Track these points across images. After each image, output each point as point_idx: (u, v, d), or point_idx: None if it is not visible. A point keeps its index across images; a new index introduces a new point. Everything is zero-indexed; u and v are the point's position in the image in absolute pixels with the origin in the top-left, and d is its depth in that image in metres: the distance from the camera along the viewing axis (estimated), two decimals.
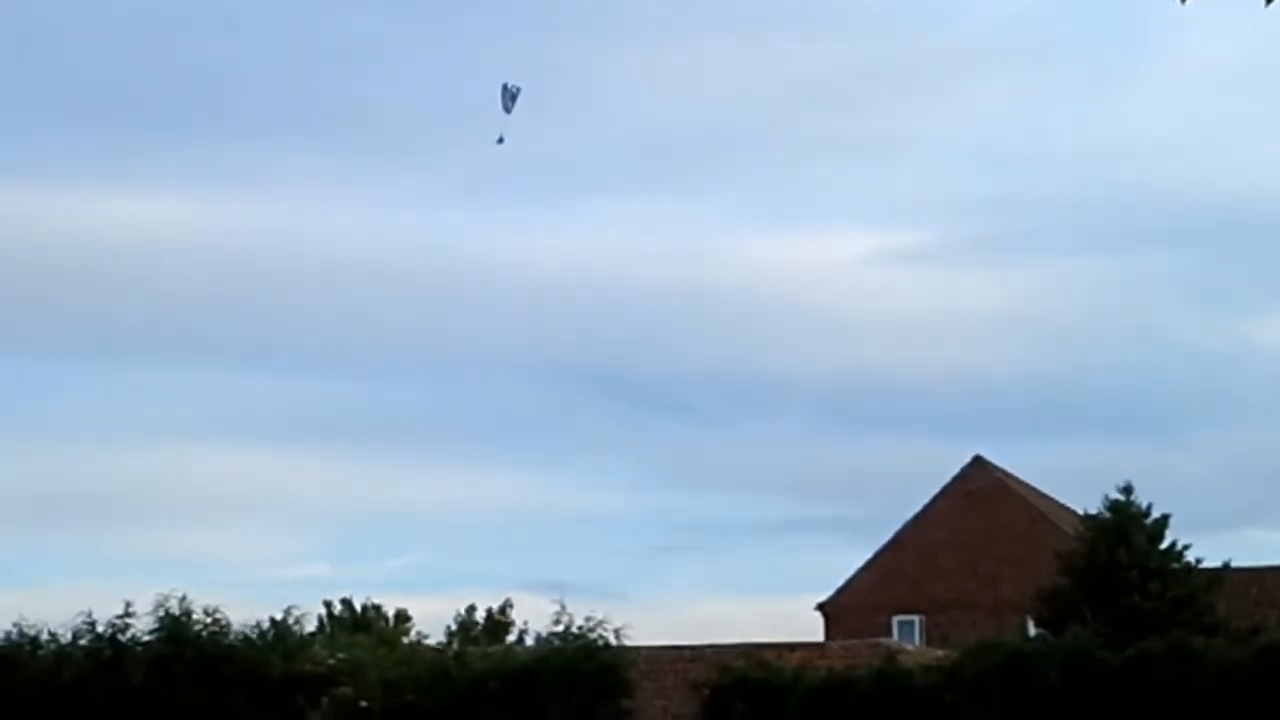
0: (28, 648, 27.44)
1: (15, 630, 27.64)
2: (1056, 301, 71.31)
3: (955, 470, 50.94)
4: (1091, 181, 73.13)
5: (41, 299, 70.03)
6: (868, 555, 51.06)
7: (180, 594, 26.93)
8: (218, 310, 72.03)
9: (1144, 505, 36.86)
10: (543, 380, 75.37)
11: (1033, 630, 34.92)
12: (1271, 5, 8.92)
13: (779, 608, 67.36)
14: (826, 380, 72.21)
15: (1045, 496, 51.50)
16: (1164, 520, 36.88)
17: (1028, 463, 63.08)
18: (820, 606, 50.09)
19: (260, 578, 66.65)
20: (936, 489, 50.87)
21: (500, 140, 28.86)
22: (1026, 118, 76.29)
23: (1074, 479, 63.62)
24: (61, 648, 27.21)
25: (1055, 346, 71.99)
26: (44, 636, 27.51)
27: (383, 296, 71.77)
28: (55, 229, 68.51)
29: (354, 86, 70.20)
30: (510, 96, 28.39)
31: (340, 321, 73.06)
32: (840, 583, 50.72)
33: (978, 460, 50.96)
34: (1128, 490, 36.87)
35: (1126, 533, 36.10)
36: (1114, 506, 36.71)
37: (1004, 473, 51.26)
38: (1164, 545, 36.63)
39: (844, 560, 57.40)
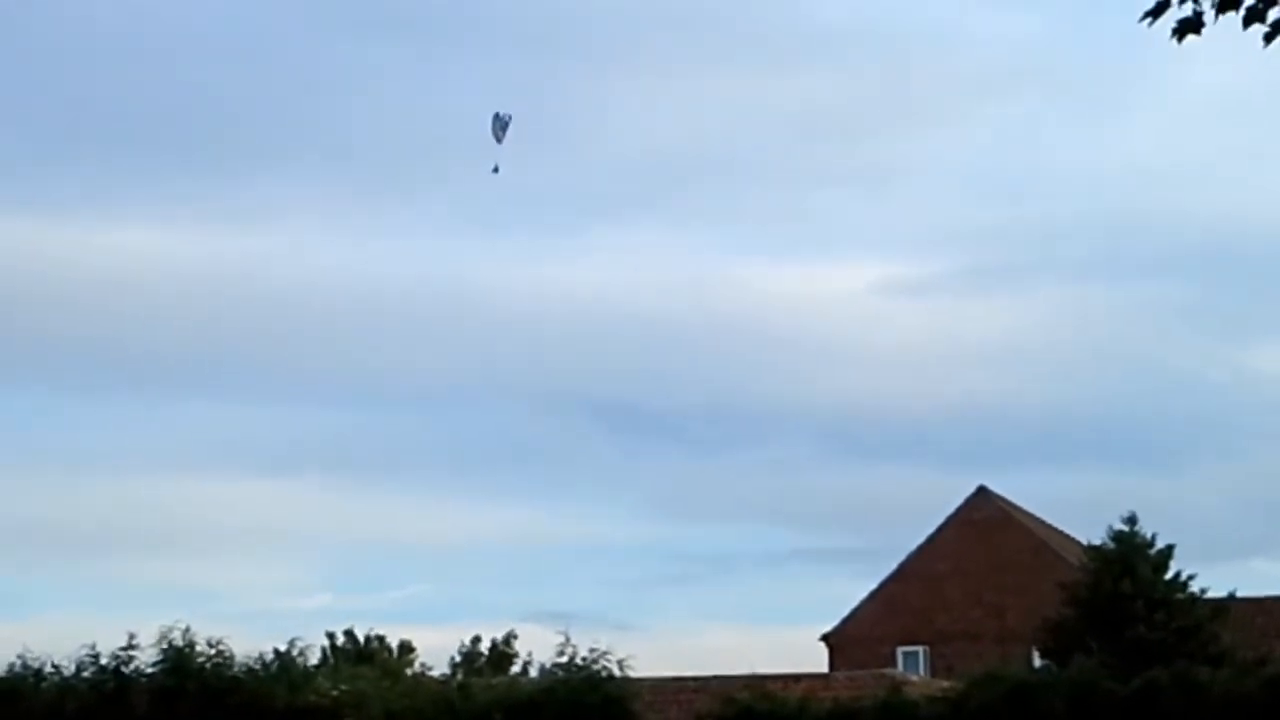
0: (31, 680, 27.39)
1: (19, 662, 27.61)
2: (1058, 331, 71.42)
3: (959, 500, 50.89)
4: (1092, 210, 73.35)
5: (43, 331, 70.20)
6: (872, 586, 50.98)
7: (184, 625, 26.91)
8: (220, 341, 72.21)
9: (1148, 535, 36.84)
10: (545, 410, 75.45)
11: (1038, 661, 34.84)
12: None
13: (783, 638, 67.31)
14: (830, 410, 72.31)
15: (1049, 526, 51.42)
16: (1168, 550, 36.84)
17: (1032, 493, 63.06)
18: (824, 637, 49.98)
19: (263, 609, 66.65)
20: (941, 519, 50.81)
21: (495, 170, 28.93)
22: (1026, 146, 76.60)
23: (1078, 509, 63.79)
24: (65, 680, 27.17)
25: (1058, 376, 72.08)
26: (47, 668, 27.47)
27: (384, 327, 71.98)
28: (55, 261, 68.72)
29: (353, 117, 70.54)
30: (501, 126, 28.41)
31: (343, 352, 73.22)
32: (844, 613, 50.62)
33: (982, 490, 50.90)
34: (1132, 520, 36.84)
35: (1131, 563, 36.06)
36: (1118, 536, 36.67)
37: (1008, 503, 51.19)
38: (1169, 575, 36.57)
39: (848, 591, 57.43)
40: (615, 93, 72.09)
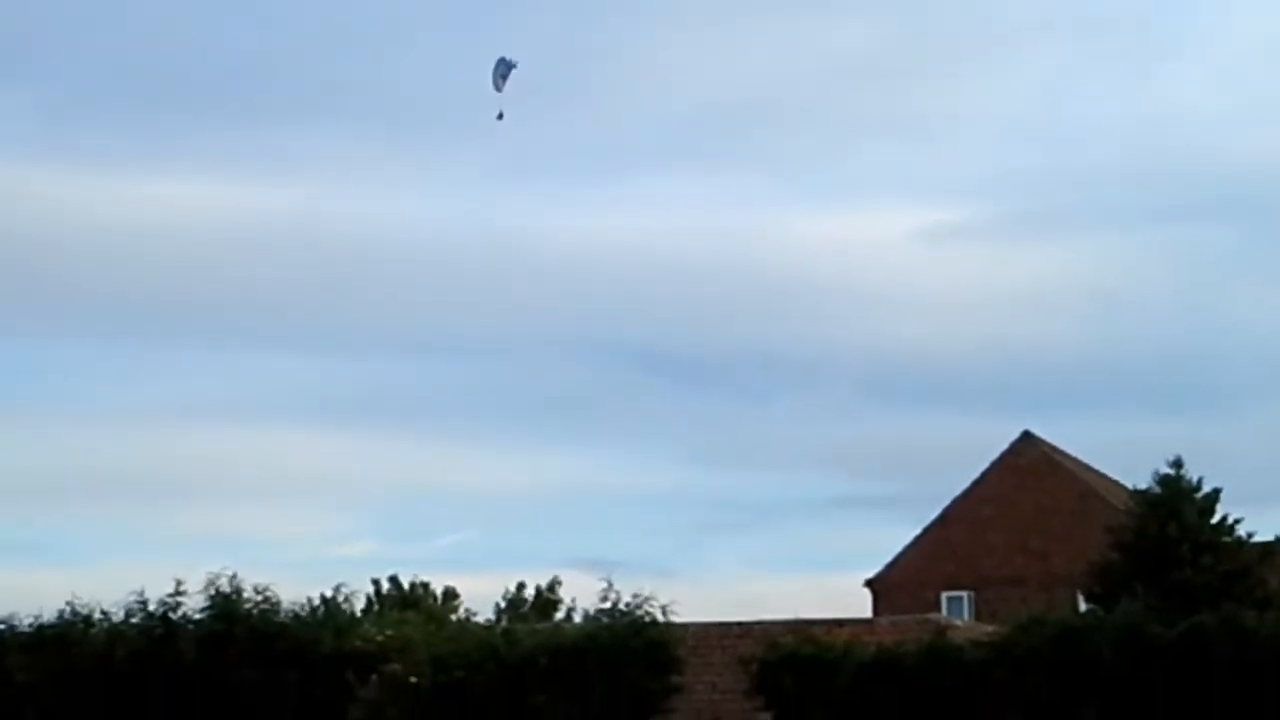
0: (80, 626, 27.66)
1: (68, 609, 27.87)
2: (1104, 275, 70.92)
3: (1004, 445, 50.72)
4: (1139, 154, 72.68)
5: (89, 283, 70.66)
6: (916, 531, 50.92)
7: (231, 572, 27.10)
8: (263, 293, 72.51)
9: (1194, 479, 36.61)
10: (589, 358, 75.55)
11: (1083, 605, 34.74)
12: None
13: (827, 584, 67.40)
14: (874, 356, 72.09)
15: (1094, 471, 51.21)
16: (1215, 494, 36.61)
17: (1077, 437, 62.85)
18: (869, 583, 50.00)
19: (309, 556, 67.19)
20: (985, 464, 50.67)
21: (500, 116, 28.62)
22: (1073, 90, 75.81)
23: (1123, 453, 63.48)
24: (114, 626, 27.42)
25: (1103, 320, 71.60)
26: (96, 615, 27.73)
27: (429, 276, 72.11)
28: (105, 214, 69.08)
29: (391, 67, 70.39)
30: (502, 74, 27.97)
31: (387, 302, 73.37)
32: (889, 559, 50.60)
33: (1026, 435, 50.70)
34: (1178, 464, 36.62)
35: (1177, 507, 35.86)
36: (1164, 480, 36.46)
37: (1053, 448, 50.98)
38: (1215, 519, 36.37)
39: (892, 536, 57.27)
40: (658, 40, 71.71)
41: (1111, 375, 69.96)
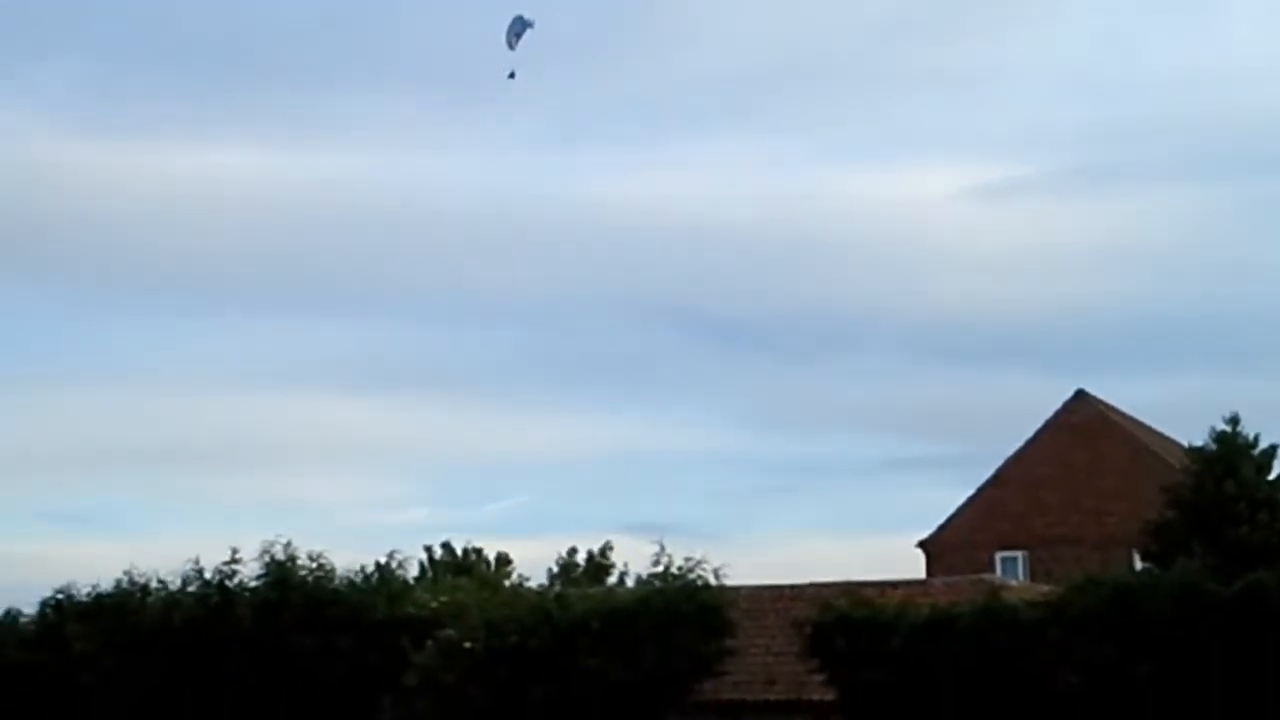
0: (138, 595, 27.96)
1: (126, 579, 28.16)
2: (1157, 232, 70.22)
3: (1058, 405, 50.34)
4: (1189, 108, 71.83)
5: (144, 253, 71.11)
6: (969, 492, 50.65)
7: (285, 540, 27.30)
8: (318, 260, 72.77)
9: (1251, 435, 36.22)
10: (639, 322, 75.50)
11: (1139, 564, 34.49)
12: None
13: (880, 546, 67.22)
14: (925, 317, 71.68)
15: (1149, 429, 50.77)
16: (1272, 450, 36.23)
17: (1131, 396, 62.36)
18: (922, 544, 49.80)
19: (362, 523, 67.51)
20: (1039, 424, 50.30)
21: (511, 76, 28.44)
22: (1121, 43, 75.04)
23: (1178, 411, 62.84)
24: (171, 594, 27.69)
25: (1157, 277, 70.96)
26: (154, 583, 28.00)
27: (478, 242, 72.14)
28: (145, 184, 69.45)
29: (440, 33, 70.30)
30: (515, 32, 27.67)
31: (437, 268, 73.53)
32: (942, 520, 50.38)
33: (1080, 394, 50.30)
34: (1234, 421, 36.24)
35: (1233, 464, 35.50)
36: (1220, 438, 36.09)
37: (1107, 406, 50.57)
38: (1272, 475, 35.99)
39: (945, 497, 57.07)
40: (701, 2, 71.36)
41: (1166, 332, 69.43)
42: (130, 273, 72.76)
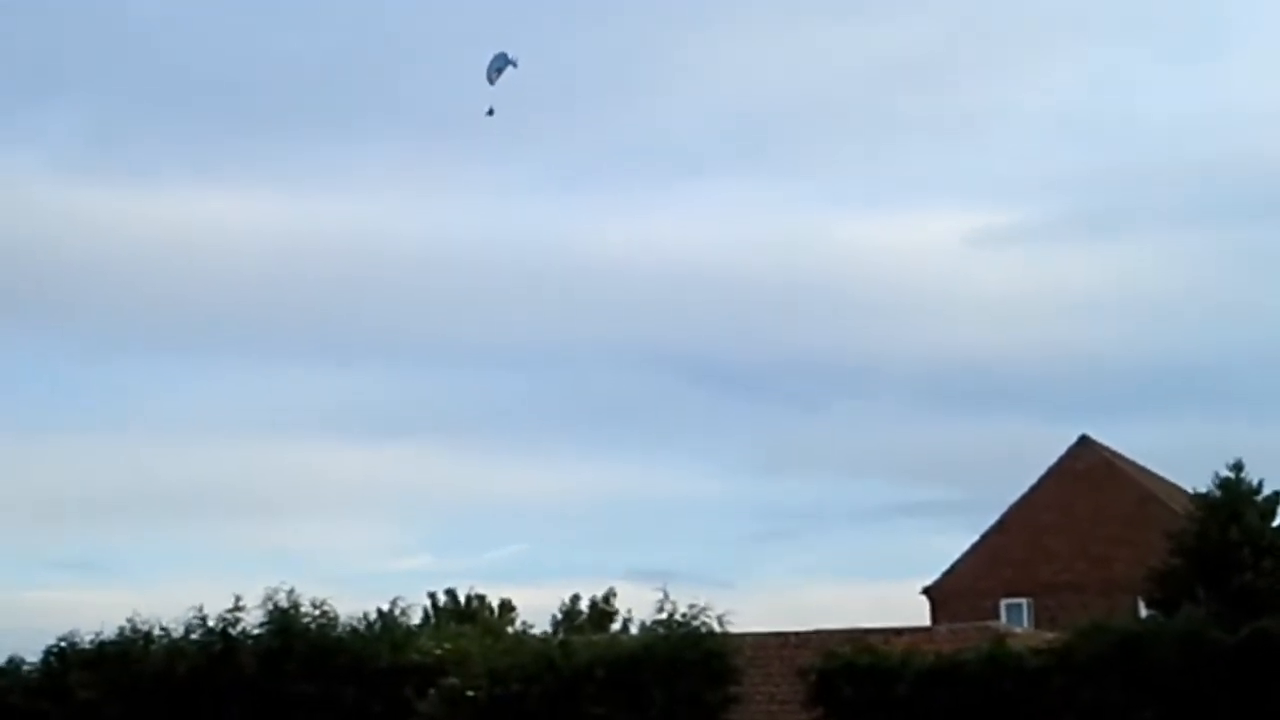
0: (141, 642, 27.87)
1: (129, 626, 28.09)
2: (1158, 277, 70.34)
3: (1061, 450, 50.33)
4: (1190, 153, 72.05)
5: (145, 298, 71.20)
6: (974, 538, 50.61)
7: (289, 587, 27.25)
8: (317, 306, 72.86)
9: (1255, 481, 36.19)
10: (641, 368, 75.52)
11: (1144, 611, 34.40)
12: None
13: (884, 592, 67.00)
14: (927, 362, 71.72)
15: (1154, 475, 50.73)
16: (1276, 497, 36.17)
17: (1135, 441, 62.36)
18: (926, 591, 49.71)
19: (365, 570, 67.37)
20: (1043, 470, 50.30)
21: (490, 113, 28.26)
22: (1121, 89, 75.35)
23: (1183, 457, 62.84)
24: (174, 642, 27.61)
25: (1159, 323, 71.01)
26: (157, 631, 27.93)
27: (477, 288, 72.23)
28: (147, 231, 69.63)
29: (444, 79, 70.60)
30: (497, 68, 27.56)
31: (437, 314, 73.62)
32: (946, 566, 50.30)
33: (1084, 440, 50.30)
34: (1238, 467, 36.21)
35: (1238, 510, 35.45)
36: (1225, 483, 36.05)
37: (1111, 452, 50.56)
38: (1276, 522, 35.93)
39: (949, 544, 57.02)
40: (700, 46, 71.68)
41: (1169, 378, 69.40)
42: (132, 319, 72.89)
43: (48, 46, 72.80)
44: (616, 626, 52.61)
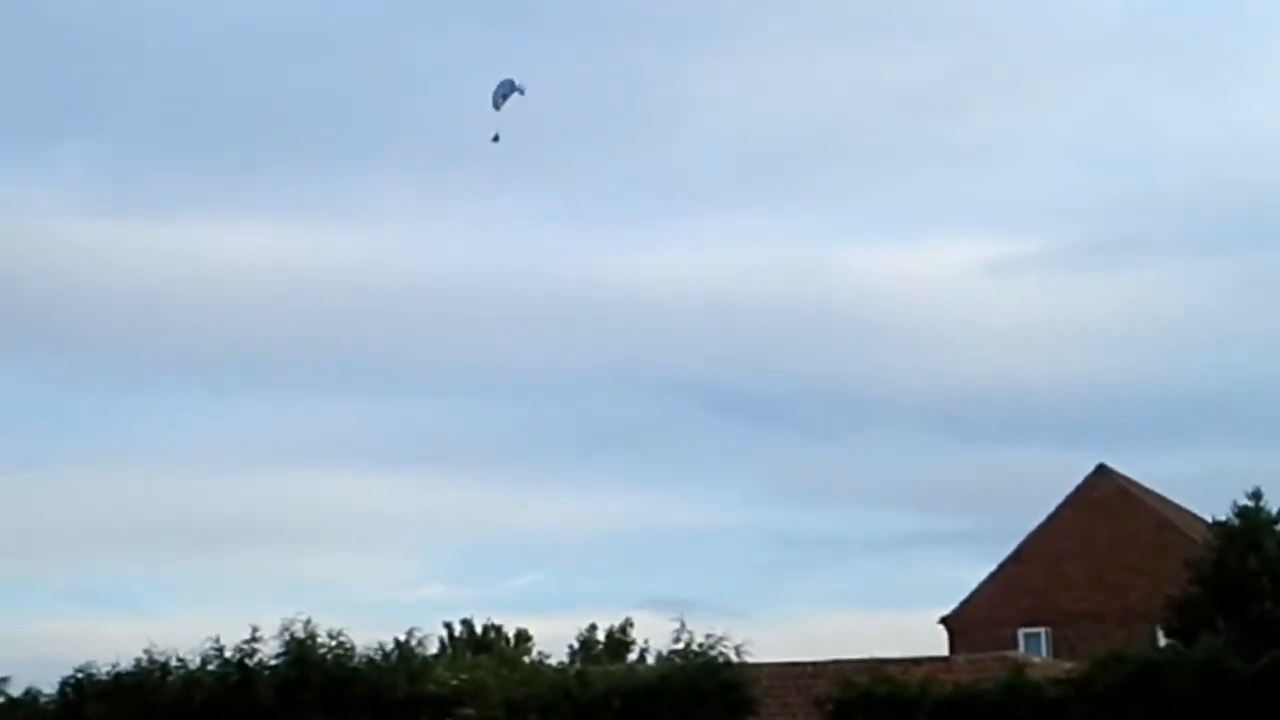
0: (157, 674, 27.88)
1: (145, 657, 28.10)
2: (1173, 305, 70.23)
3: (1079, 479, 50.18)
4: (1202, 181, 72.02)
5: (158, 332, 71.39)
6: (991, 568, 50.43)
7: (305, 618, 27.26)
8: (327, 338, 72.96)
9: (1274, 510, 36.05)
10: (656, 397, 75.48)
11: (1163, 640, 34.25)
12: None
13: (901, 622, 66.81)
14: (943, 391, 71.60)
15: (1172, 504, 50.55)
16: None
17: (1153, 470, 62.03)
18: (944, 620, 49.53)
19: (382, 600, 67.31)
20: (1060, 499, 50.14)
21: (495, 139, 28.50)
22: (1134, 118, 75.33)
23: (1201, 485, 62.56)
24: (191, 673, 27.61)
25: (1175, 350, 70.84)
26: (173, 662, 27.94)
27: (492, 318, 72.30)
28: (160, 264, 69.90)
29: (456, 110, 70.82)
30: (503, 94, 27.67)
31: (455, 344, 73.71)
32: (964, 596, 50.13)
33: (1101, 469, 50.15)
34: (1256, 495, 36.04)
35: (1257, 538, 35.28)
36: (1243, 512, 35.89)
37: (1129, 481, 50.40)
38: None
39: (967, 573, 56.84)
40: (716, 77, 71.88)
41: (1186, 405, 69.21)
42: (146, 351, 73.08)
43: (63, 82, 73.30)
44: (633, 656, 52.49)
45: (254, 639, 27.31)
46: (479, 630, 55.33)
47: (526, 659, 46.58)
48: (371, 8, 72.63)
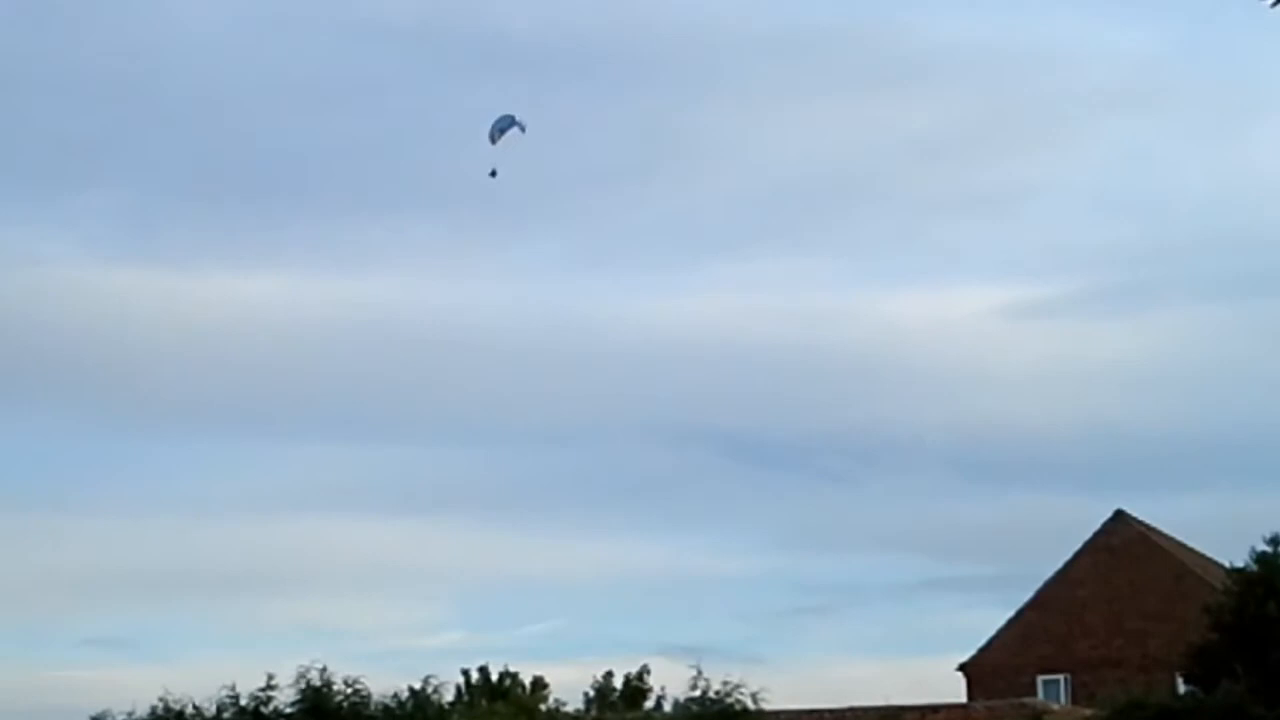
0: None
1: (162, 705, 28.11)
2: (1191, 351, 70.15)
3: (1097, 525, 49.98)
4: (1218, 228, 72.10)
5: (177, 380, 71.65)
6: (1009, 614, 50.20)
7: (321, 665, 27.27)
8: (346, 385, 73.11)
9: None
10: (672, 444, 75.43)
11: (1182, 687, 34.07)
12: None
13: (919, 669, 66.51)
14: (959, 437, 71.49)
15: (1190, 550, 50.33)
16: None
17: (1171, 516, 61.76)
18: (962, 667, 49.28)
19: (397, 647, 67.16)
20: (1078, 545, 49.94)
21: (493, 174, 28.49)
22: (1150, 165, 75.50)
23: (1219, 531, 62.05)
24: (207, 719, 27.60)
25: (1192, 396, 70.74)
26: (189, 710, 27.94)
27: (506, 365, 72.47)
28: (181, 312, 70.21)
29: (470, 157, 71.08)
30: (500, 129, 27.68)
31: (467, 391, 73.83)
32: (982, 642, 49.88)
33: (1119, 515, 49.97)
34: (1275, 541, 35.93)
35: (1275, 584, 35.14)
36: (1261, 558, 35.77)
37: (1147, 527, 50.20)
38: None
39: (985, 619, 56.52)
40: (730, 124, 72.21)
41: (1204, 451, 68.95)
42: (166, 398, 73.28)
43: (85, 133, 73.85)
44: (650, 704, 52.21)
45: (270, 686, 27.35)
46: (495, 677, 55.11)
47: (543, 706, 46.40)
48: (390, 62, 73.22)
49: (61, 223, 73.57)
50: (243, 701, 27.39)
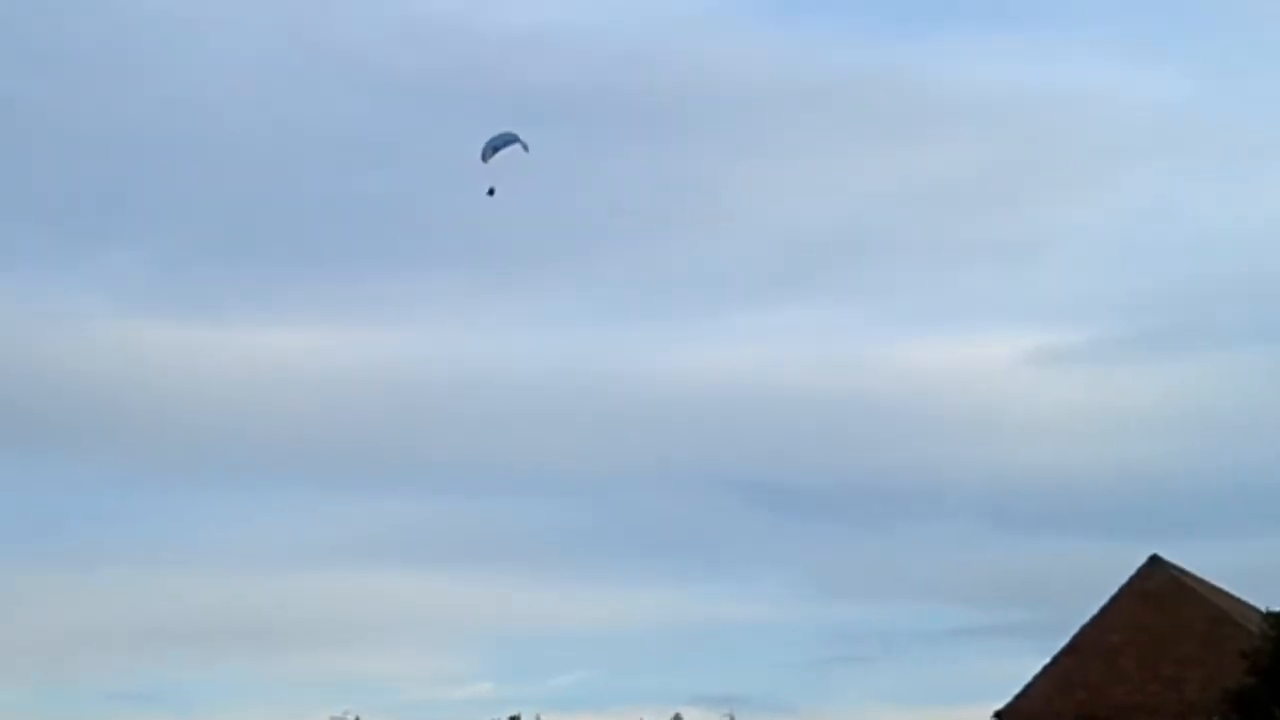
0: None
1: None
2: (1220, 394, 69.89)
3: (1131, 571, 49.61)
4: (1242, 271, 71.90)
5: (205, 432, 71.97)
6: (1044, 660, 49.80)
7: (353, 716, 27.15)
8: (373, 436, 73.31)
9: None
10: (702, 492, 75.35)
11: None
12: None
13: (954, 716, 66.06)
14: (990, 483, 71.23)
15: (1227, 594, 49.92)
16: None
17: (1206, 561, 61.14)
18: (998, 714, 48.88)
19: (428, 699, 67.09)
20: (1113, 590, 49.57)
21: (491, 192, 28.28)
22: (1173, 209, 75.42)
23: (1255, 575, 61.59)
24: None
25: (1223, 439, 70.36)
26: None
27: (534, 415, 72.62)
28: (209, 364, 70.55)
29: (495, 209, 71.28)
30: (494, 146, 27.38)
31: (500, 442, 73.87)
32: (1017, 689, 49.48)
33: (1154, 559, 49.60)
34: None
35: None
36: None
37: (1182, 571, 49.82)
38: None
39: (1020, 666, 55.97)
40: (754, 174, 72.49)
41: (1238, 495, 68.46)
42: (195, 450, 73.59)
43: (113, 188, 74.51)
44: None
45: None
46: None
47: None
48: (415, 117, 73.69)
49: (95, 278, 74.18)
50: None
